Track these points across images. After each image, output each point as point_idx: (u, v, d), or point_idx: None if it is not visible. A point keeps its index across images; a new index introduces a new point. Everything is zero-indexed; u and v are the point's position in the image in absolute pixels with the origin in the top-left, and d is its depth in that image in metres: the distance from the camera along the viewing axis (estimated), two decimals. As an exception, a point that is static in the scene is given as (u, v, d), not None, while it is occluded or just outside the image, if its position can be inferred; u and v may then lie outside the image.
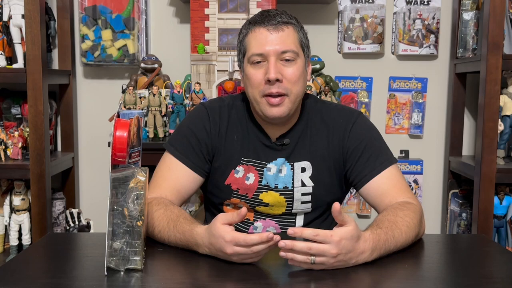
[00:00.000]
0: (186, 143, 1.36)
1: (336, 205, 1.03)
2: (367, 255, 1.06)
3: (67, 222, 2.24)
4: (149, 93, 2.16)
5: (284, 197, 1.37)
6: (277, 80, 1.26)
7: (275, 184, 1.37)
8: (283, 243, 1.00)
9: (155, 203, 1.23)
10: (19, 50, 2.12)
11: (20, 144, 2.12)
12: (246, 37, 1.32)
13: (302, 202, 1.38)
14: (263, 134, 1.38)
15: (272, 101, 1.28)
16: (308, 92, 2.04)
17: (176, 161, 1.35)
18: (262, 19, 1.30)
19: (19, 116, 2.22)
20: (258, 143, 1.38)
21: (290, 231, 1.00)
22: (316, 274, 1.01)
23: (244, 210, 1.04)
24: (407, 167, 2.39)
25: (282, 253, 1.01)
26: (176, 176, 1.34)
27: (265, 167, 1.37)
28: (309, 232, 1.01)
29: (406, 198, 1.28)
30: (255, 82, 1.29)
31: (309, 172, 1.38)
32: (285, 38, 1.28)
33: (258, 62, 1.29)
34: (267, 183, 1.37)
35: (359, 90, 2.39)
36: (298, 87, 1.30)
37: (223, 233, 1.03)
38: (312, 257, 1.00)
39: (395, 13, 2.36)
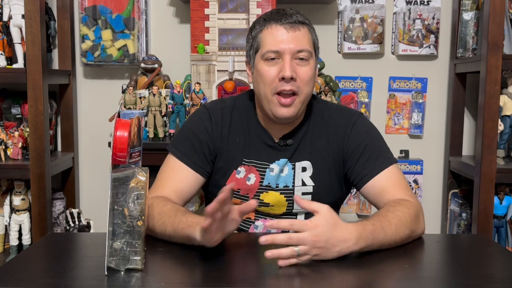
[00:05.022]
0: (188, 145, 1.37)
1: (295, 197, 1.08)
2: (352, 243, 1.06)
3: (67, 222, 2.24)
4: (149, 93, 2.16)
5: (285, 196, 1.38)
6: (291, 78, 1.27)
7: (276, 184, 1.38)
8: (263, 238, 1.01)
9: (162, 200, 1.25)
10: (19, 50, 2.12)
11: (20, 144, 2.12)
12: (260, 33, 1.31)
13: (303, 202, 1.38)
14: (266, 134, 1.39)
15: (283, 101, 1.28)
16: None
17: (178, 163, 1.35)
18: (279, 16, 1.30)
19: (19, 116, 2.22)
20: (260, 143, 1.38)
21: (267, 223, 1.02)
22: (315, 275, 1.00)
23: (227, 188, 1.03)
24: (407, 167, 2.39)
25: (268, 254, 1.01)
26: (178, 177, 1.35)
27: (268, 167, 1.37)
28: (286, 223, 1.03)
29: (404, 196, 1.29)
30: (268, 79, 1.29)
31: (309, 171, 1.38)
32: (301, 38, 1.29)
33: (272, 59, 1.29)
34: (268, 183, 1.38)
35: (359, 90, 2.39)
36: (309, 87, 1.31)
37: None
38: (296, 247, 1.01)
39: (395, 13, 2.36)
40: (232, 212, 1.07)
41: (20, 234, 2.13)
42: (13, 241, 2.12)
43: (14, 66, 2.10)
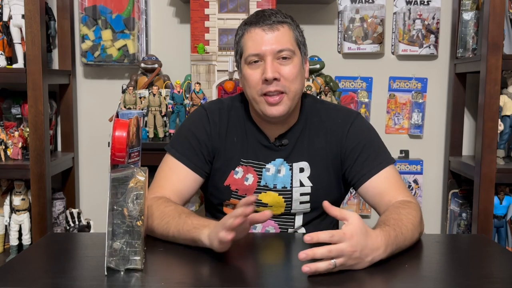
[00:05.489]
0: (187, 145, 1.37)
1: (325, 204, 1.03)
2: (382, 251, 1.04)
3: (67, 222, 2.24)
4: (149, 93, 2.16)
5: (283, 197, 1.38)
6: (275, 79, 1.27)
7: (274, 185, 1.37)
8: (304, 254, 0.97)
9: (163, 201, 1.25)
10: (19, 50, 2.11)
11: (20, 144, 2.12)
12: (242, 38, 1.33)
13: (301, 202, 1.38)
14: (261, 134, 1.39)
15: (270, 100, 1.28)
16: (308, 92, 2.04)
17: (177, 163, 1.35)
18: (257, 19, 1.30)
19: (19, 116, 2.22)
20: (257, 144, 1.39)
21: (307, 237, 0.98)
22: (315, 275, 1.00)
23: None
24: (407, 167, 2.39)
25: (306, 269, 0.97)
26: (177, 177, 1.35)
27: (264, 167, 1.37)
28: (325, 235, 0.99)
29: (406, 197, 1.29)
30: (252, 82, 1.30)
31: (307, 172, 1.38)
32: (281, 37, 1.29)
33: (255, 62, 1.29)
34: (265, 183, 1.38)
35: (359, 90, 2.39)
36: (296, 85, 1.31)
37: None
38: (333, 260, 0.99)
39: (395, 13, 2.36)
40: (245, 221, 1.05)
41: (20, 234, 2.13)
42: (13, 241, 2.12)
43: (14, 66, 2.10)
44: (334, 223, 1.50)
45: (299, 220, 1.41)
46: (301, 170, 1.38)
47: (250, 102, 1.36)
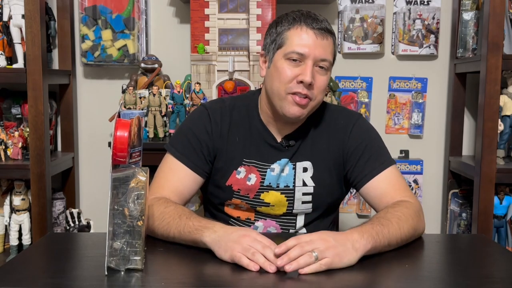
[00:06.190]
0: (187, 144, 1.36)
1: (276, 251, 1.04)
2: (358, 236, 1.06)
3: (67, 222, 2.24)
4: (149, 93, 2.16)
5: (285, 196, 1.38)
6: (309, 84, 1.27)
7: (277, 184, 1.37)
8: (278, 249, 1.01)
9: (163, 201, 1.24)
10: (19, 50, 2.11)
11: (20, 144, 2.12)
12: (288, 31, 1.30)
13: (303, 202, 1.38)
14: (268, 134, 1.38)
15: (298, 100, 1.28)
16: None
17: (177, 162, 1.35)
18: (311, 20, 1.29)
19: (19, 116, 2.22)
20: (262, 143, 1.38)
21: (277, 250, 1.01)
22: (315, 274, 1.00)
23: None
24: (407, 167, 2.39)
25: (288, 268, 0.99)
26: (177, 177, 1.34)
27: (269, 167, 1.37)
28: (292, 241, 1.03)
29: (403, 197, 1.29)
30: (285, 79, 1.28)
31: (310, 172, 1.38)
32: (326, 47, 1.29)
33: (294, 60, 1.28)
34: (269, 183, 1.37)
35: (359, 90, 2.39)
36: (321, 96, 1.32)
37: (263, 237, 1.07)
38: (313, 253, 1.00)
39: (395, 13, 2.36)
40: None
41: (20, 234, 2.13)
42: (13, 241, 2.12)
43: (14, 66, 2.10)
44: (334, 224, 1.50)
45: (300, 221, 1.41)
46: (305, 169, 1.38)
47: (271, 96, 1.33)
